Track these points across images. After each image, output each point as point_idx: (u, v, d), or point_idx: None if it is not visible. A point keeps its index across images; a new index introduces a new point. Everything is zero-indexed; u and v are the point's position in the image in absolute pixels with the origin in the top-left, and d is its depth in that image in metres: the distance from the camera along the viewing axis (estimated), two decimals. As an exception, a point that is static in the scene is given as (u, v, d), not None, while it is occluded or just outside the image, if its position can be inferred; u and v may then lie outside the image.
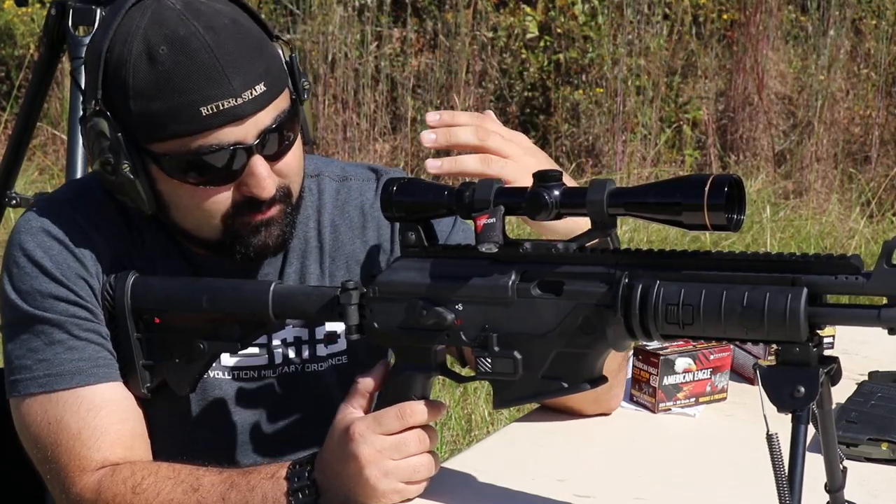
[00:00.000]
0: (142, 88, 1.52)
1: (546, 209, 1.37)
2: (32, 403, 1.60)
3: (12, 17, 7.67)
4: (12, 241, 1.63)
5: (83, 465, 1.58)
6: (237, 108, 1.52)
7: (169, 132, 1.52)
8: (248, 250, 1.62)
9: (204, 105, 1.50)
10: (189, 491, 1.53)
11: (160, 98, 1.51)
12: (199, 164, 1.54)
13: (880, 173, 6.34)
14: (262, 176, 1.56)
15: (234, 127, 1.52)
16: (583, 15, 6.93)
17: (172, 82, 1.50)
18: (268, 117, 1.55)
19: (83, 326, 1.60)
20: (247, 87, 1.52)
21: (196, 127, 1.51)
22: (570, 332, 1.38)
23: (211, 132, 1.52)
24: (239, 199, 1.58)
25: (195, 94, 1.50)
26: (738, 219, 1.29)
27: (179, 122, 1.51)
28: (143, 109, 1.52)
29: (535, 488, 1.58)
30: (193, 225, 1.61)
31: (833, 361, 1.29)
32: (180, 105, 1.50)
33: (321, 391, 1.75)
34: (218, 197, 1.57)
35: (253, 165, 1.55)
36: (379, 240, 1.78)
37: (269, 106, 1.55)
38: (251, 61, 1.54)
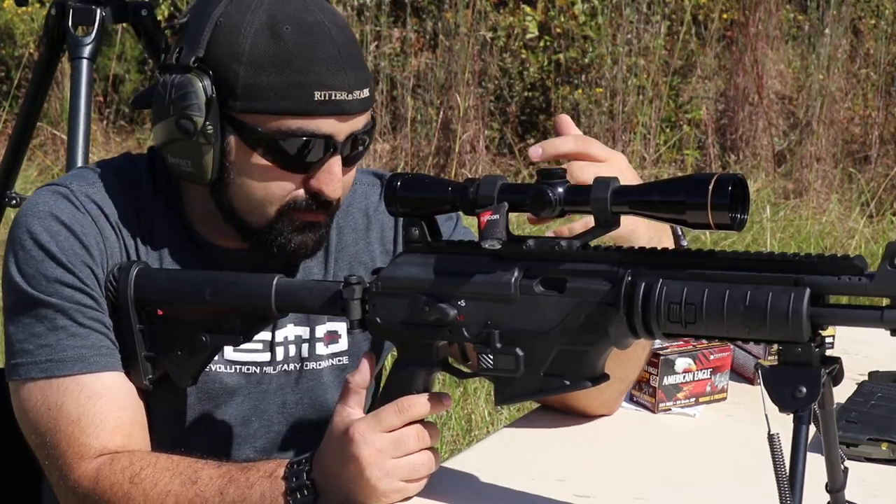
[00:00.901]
0: (258, 58, 1.54)
1: (550, 206, 1.37)
2: (33, 388, 1.59)
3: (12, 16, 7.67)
4: (19, 223, 1.62)
5: (81, 452, 1.57)
6: (346, 104, 1.56)
7: (274, 106, 1.55)
8: (288, 246, 1.62)
9: (319, 90, 1.54)
10: (187, 483, 1.53)
11: (276, 72, 1.54)
12: (290, 145, 1.55)
13: (880, 173, 6.34)
14: (337, 175, 1.59)
15: (335, 120, 1.56)
16: (583, 15, 6.93)
17: (293, 60, 1.54)
18: (361, 123, 1.59)
19: (87, 314, 1.60)
20: (358, 87, 1.56)
21: (304, 108, 1.54)
22: (572, 329, 1.38)
23: (315, 118, 1.55)
24: (303, 193, 1.60)
25: (313, 76, 1.54)
26: (741, 218, 1.29)
27: (290, 99, 1.54)
28: (252, 78, 1.54)
29: (535, 488, 1.58)
30: (247, 206, 1.61)
31: (835, 362, 1.29)
32: (295, 83, 1.53)
33: (319, 390, 1.76)
34: (286, 183, 1.59)
35: (333, 163, 1.58)
36: (382, 241, 1.78)
37: (366, 113, 1.60)
38: (362, 66, 1.59)
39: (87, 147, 2.84)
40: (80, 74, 2.86)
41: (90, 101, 2.87)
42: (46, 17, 2.98)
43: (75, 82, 2.86)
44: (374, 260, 1.77)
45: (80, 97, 2.85)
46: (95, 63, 2.90)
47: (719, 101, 6.88)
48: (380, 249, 1.78)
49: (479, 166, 6.69)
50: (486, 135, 6.91)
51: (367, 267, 1.76)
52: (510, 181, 1.42)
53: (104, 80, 7.25)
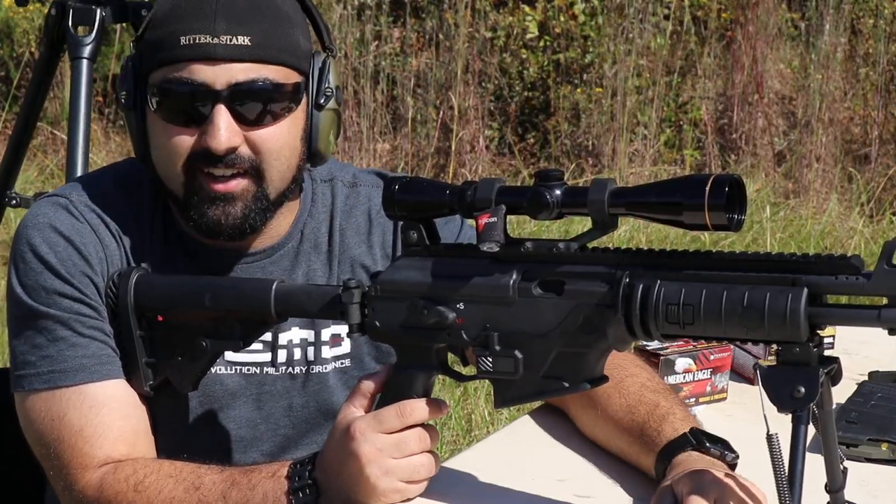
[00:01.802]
0: (155, 19, 1.60)
1: (547, 208, 1.37)
2: (36, 399, 1.60)
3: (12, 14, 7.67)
4: (19, 236, 1.63)
5: (86, 463, 1.58)
6: (210, 47, 1.55)
7: (155, 60, 1.59)
8: (202, 221, 1.61)
9: (183, 35, 1.56)
10: (190, 489, 1.53)
11: (160, 27, 1.59)
12: (170, 97, 1.58)
13: (880, 173, 6.34)
14: (219, 126, 1.56)
15: (204, 65, 1.56)
16: (583, 15, 6.93)
17: (175, 14, 1.58)
18: (243, 73, 1.57)
19: (87, 324, 1.61)
20: (229, 32, 1.56)
21: (172, 55, 1.57)
22: (571, 331, 1.39)
23: (183, 65, 1.56)
24: (197, 150, 1.58)
25: (182, 24, 1.56)
26: (738, 219, 1.29)
27: (163, 49, 1.58)
28: (149, 38, 1.60)
29: (535, 488, 1.58)
30: (163, 171, 1.63)
31: (833, 361, 1.29)
32: (168, 34, 1.57)
33: (325, 393, 1.76)
34: (180, 140, 1.59)
35: (214, 113, 1.57)
36: (383, 245, 1.78)
37: (248, 62, 1.57)
38: (250, 16, 1.57)
39: (87, 147, 2.84)
40: (80, 74, 2.86)
41: (90, 101, 2.88)
42: (46, 17, 2.99)
43: (75, 82, 2.86)
44: (375, 263, 1.77)
45: (80, 97, 2.85)
46: (95, 63, 2.90)
47: (719, 101, 6.87)
48: (381, 253, 1.78)
49: (479, 166, 6.69)
50: (486, 134, 6.91)
51: (368, 270, 1.76)
52: (508, 184, 1.43)
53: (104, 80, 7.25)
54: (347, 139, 6.87)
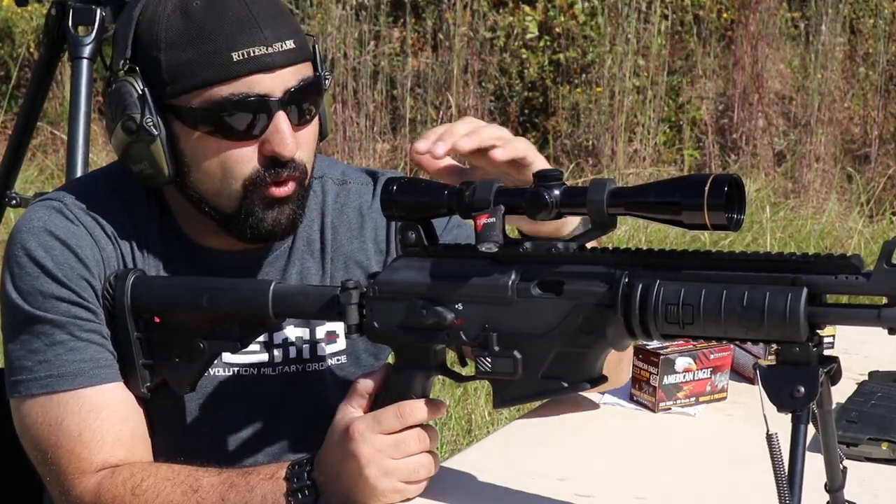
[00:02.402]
0: (173, 40, 1.55)
1: (546, 208, 1.37)
2: (33, 405, 1.60)
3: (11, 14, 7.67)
4: (14, 240, 1.62)
5: (83, 467, 1.57)
6: (267, 57, 1.54)
7: (198, 80, 1.54)
8: (261, 226, 1.61)
9: (235, 51, 1.53)
10: (188, 492, 1.53)
11: (191, 47, 1.54)
12: (227, 114, 1.55)
13: (879, 173, 6.34)
14: (286, 132, 1.57)
15: (263, 76, 1.55)
16: (582, 14, 6.93)
17: (205, 31, 1.53)
18: (294, 77, 1.58)
19: (85, 327, 1.60)
20: (278, 38, 1.55)
21: (226, 73, 1.54)
22: (570, 331, 1.38)
23: (240, 79, 1.54)
24: (261, 160, 1.58)
25: (227, 40, 1.53)
26: (738, 218, 1.29)
27: (210, 68, 1.53)
28: (173, 61, 1.55)
29: (535, 488, 1.58)
30: (212, 189, 1.60)
31: (833, 361, 1.29)
32: (211, 52, 1.53)
33: (321, 390, 1.76)
34: (241, 155, 1.57)
35: (278, 121, 1.56)
36: (376, 241, 1.78)
37: (297, 65, 1.58)
38: (282, 19, 1.58)
39: (87, 147, 2.84)
40: (80, 74, 2.86)
41: (90, 101, 2.88)
42: (46, 17, 2.99)
43: (75, 82, 2.87)
44: (368, 259, 1.77)
45: (80, 97, 2.85)
46: (95, 63, 2.90)
47: (719, 100, 6.87)
48: (374, 248, 1.78)
49: (479, 166, 6.68)
50: (486, 134, 6.89)
51: (363, 266, 1.76)
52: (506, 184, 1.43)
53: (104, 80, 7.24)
54: (347, 139, 6.87)
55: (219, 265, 1.68)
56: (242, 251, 1.69)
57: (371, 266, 1.77)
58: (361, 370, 1.76)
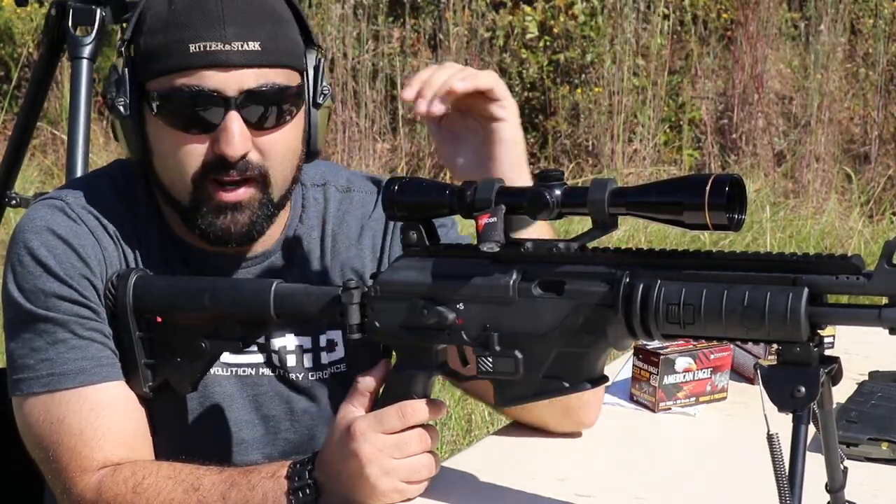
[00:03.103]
0: (153, 25, 1.58)
1: (547, 209, 1.37)
2: (35, 403, 1.60)
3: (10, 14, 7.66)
4: (16, 239, 1.62)
5: (85, 465, 1.57)
6: (222, 54, 1.55)
7: (161, 67, 1.57)
8: (209, 230, 1.61)
9: (193, 42, 1.55)
10: (190, 490, 1.53)
11: (162, 34, 1.57)
12: (179, 104, 1.56)
13: (879, 173, 6.34)
14: (233, 132, 1.56)
15: (216, 72, 1.55)
16: (582, 15, 6.94)
17: (177, 21, 1.56)
18: (253, 80, 1.57)
19: (86, 326, 1.60)
20: (240, 38, 1.55)
21: (181, 63, 1.55)
22: (571, 331, 1.38)
23: (194, 72, 1.55)
24: (210, 158, 1.58)
25: (190, 32, 1.55)
26: (739, 218, 1.29)
27: (170, 56, 1.56)
28: (147, 45, 1.59)
29: (535, 488, 1.58)
30: (168, 179, 1.62)
31: (834, 361, 1.29)
32: (175, 41, 1.56)
33: (322, 398, 1.75)
34: (191, 148, 1.58)
35: (227, 120, 1.56)
36: (373, 248, 1.77)
37: (258, 68, 1.57)
38: (255, 21, 1.57)
39: (87, 147, 2.84)
40: (80, 74, 2.86)
41: (90, 101, 2.88)
42: (46, 17, 2.98)
43: (75, 82, 2.86)
44: (364, 267, 1.76)
45: (80, 97, 2.85)
46: (95, 63, 2.90)
47: (719, 100, 6.88)
48: (370, 256, 1.77)
49: (478, 166, 6.68)
50: (486, 134, 6.90)
51: (359, 274, 1.75)
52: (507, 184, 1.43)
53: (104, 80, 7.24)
54: (347, 139, 6.87)
55: (216, 269, 1.68)
56: (237, 256, 1.69)
57: (366, 273, 1.76)
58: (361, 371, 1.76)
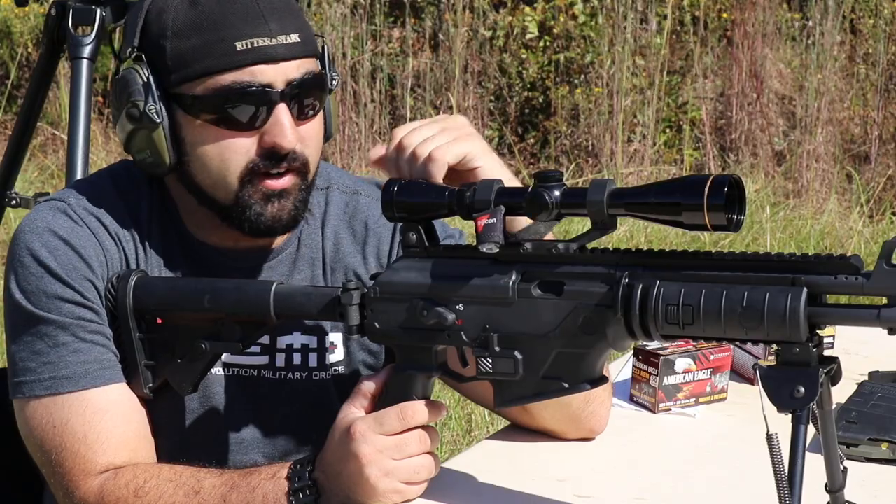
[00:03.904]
0: (179, 28, 1.56)
1: (547, 209, 1.37)
2: (37, 406, 1.59)
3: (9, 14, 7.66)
4: (18, 241, 1.62)
5: (87, 469, 1.57)
6: (270, 49, 1.55)
7: (202, 68, 1.56)
8: (260, 220, 1.61)
9: (239, 40, 1.54)
10: (190, 493, 1.53)
11: (196, 35, 1.55)
12: (228, 103, 1.55)
13: (879, 173, 6.34)
14: (286, 125, 1.57)
15: (265, 66, 1.55)
16: (582, 15, 6.94)
17: (211, 20, 1.55)
18: (297, 71, 1.58)
19: (88, 328, 1.60)
20: (283, 31, 1.56)
21: (229, 62, 1.55)
22: (570, 332, 1.39)
23: (243, 69, 1.55)
24: (259, 152, 1.58)
25: (231, 29, 1.54)
26: (738, 219, 1.29)
27: (213, 56, 1.55)
28: (178, 48, 1.56)
29: (535, 488, 1.58)
30: (210, 180, 1.61)
31: (833, 361, 1.29)
32: (216, 40, 1.55)
33: (327, 400, 1.75)
34: (239, 145, 1.58)
35: (278, 113, 1.57)
36: (378, 255, 1.77)
37: (301, 59, 1.58)
38: (289, 13, 1.59)
39: (87, 147, 2.84)
40: (80, 74, 2.86)
41: (90, 101, 2.88)
42: (46, 18, 2.98)
43: (75, 82, 2.86)
44: (367, 273, 1.75)
45: (80, 97, 2.85)
46: (95, 63, 2.90)
47: (718, 100, 6.88)
48: (375, 263, 1.76)
49: (478, 166, 6.68)
50: (486, 134, 6.91)
51: (361, 278, 1.75)
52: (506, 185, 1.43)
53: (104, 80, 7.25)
54: (347, 139, 6.87)
55: (221, 265, 1.68)
56: (245, 250, 1.69)
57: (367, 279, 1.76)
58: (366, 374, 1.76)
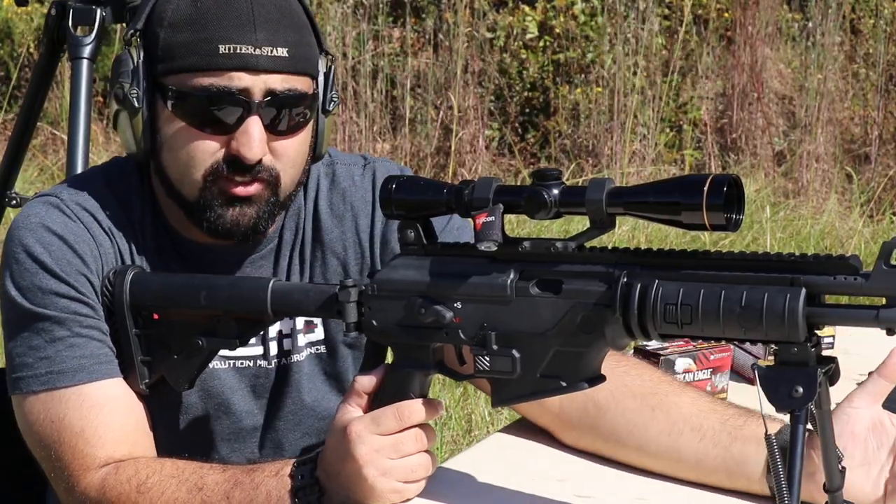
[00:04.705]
0: (175, 20, 1.58)
1: (545, 208, 1.37)
2: (35, 401, 1.60)
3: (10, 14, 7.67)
4: (11, 237, 1.62)
5: (87, 464, 1.57)
6: (252, 58, 1.56)
7: (184, 63, 1.57)
8: (218, 222, 1.61)
9: (223, 44, 1.55)
10: (193, 490, 1.53)
11: (188, 30, 1.57)
12: (200, 102, 1.56)
13: (879, 173, 6.34)
14: (254, 136, 1.57)
15: (244, 74, 1.56)
16: (582, 15, 6.94)
17: (204, 18, 1.56)
18: (280, 84, 1.58)
19: (84, 323, 1.60)
20: (269, 43, 1.57)
21: (209, 62, 1.56)
22: (568, 330, 1.38)
23: (222, 73, 1.56)
24: (225, 157, 1.58)
25: (220, 32, 1.55)
26: (736, 219, 1.29)
27: (197, 54, 1.56)
28: (169, 40, 1.58)
29: (535, 488, 1.58)
30: (177, 174, 1.62)
31: (831, 361, 1.29)
32: (203, 39, 1.56)
33: (304, 381, 1.76)
34: (207, 146, 1.58)
35: (249, 123, 1.57)
36: (356, 230, 1.76)
37: (284, 74, 1.58)
38: (283, 27, 1.59)
39: (87, 147, 2.84)
40: (80, 74, 2.86)
41: (90, 101, 2.88)
42: (46, 18, 2.98)
43: (75, 82, 2.86)
44: (345, 250, 1.75)
45: (80, 97, 2.85)
46: (95, 63, 2.90)
47: (719, 100, 6.88)
48: (352, 238, 1.75)
49: (478, 166, 6.69)
50: (486, 135, 6.91)
51: (339, 258, 1.75)
52: (505, 183, 1.42)
53: (104, 80, 7.25)
54: (347, 139, 6.87)
55: (205, 259, 1.68)
56: (226, 246, 1.69)
57: (348, 259, 1.75)
58: (340, 361, 1.76)
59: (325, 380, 1.78)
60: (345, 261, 1.75)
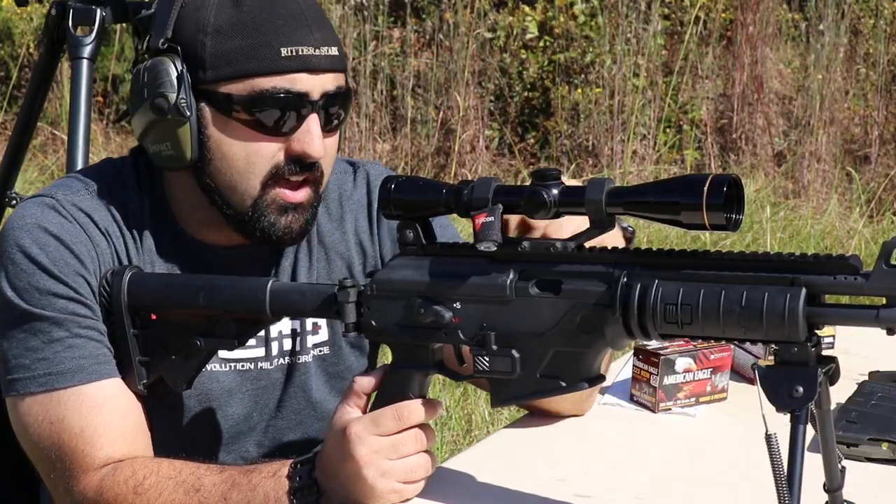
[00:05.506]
0: (222, 27, 1.57)
1: (545, 208, 1.37)
2: (32, 403, 1.59)
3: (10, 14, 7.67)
4: (7, 237, 1.61)
5: (87, 464, 1.57)
6: (314, 58, 1.57)
7: (243, 69, 1.56)
8: (272, 230, 1.62)
9: (285, 46, 1.56)
10: (191, 491, 1.53)
11: (241, 36, 1.56)
12: (265, 106, 1.56)
13: (880, 173, 6.34)
14: (316, 134, 1.59)
15: (306, 75, 1.57)
16: (582, 15, 6.94)
17: (256, 22, 1.56)
18: (332, 83, 1.60)
19: (82, 324, 1.60)
20: (325, 43, 1.58)
21: (272, 66, 1.56)
22: (568, 330, 1.38)
23: (286, 75, 1.56)
24: (285, 158, 1.59)
25: (278, 35, 1.56)
26: (736, 218, 1.29)
27: (257, 59, 1.56)
28: (219, 47, 1.57)
29: (535, 488, 1.58)
30: (231, 182, 1.61)
31: (831, 361, 1.29)
32: (262, 43, 1.56)
33: (310, 382, 1.76)
34: (267, 149, 1.59)
35: (311, 122, 1.58)
36: (356, 232, 1.78)
37: (336, 72, 1.61)
38: (327, 25, 1.62)
39: (87, 147, 2.84)
40: (80, 74, 2.86)
41: (90, 101, 2.87)
42: (46, 18, 2.98)
43: (75, 82, 2.86)
44: (349, 250, 1.77)
45: (80, 97, 2.85)
46: (95, 63, 2.90)
47: (719, 101, 6.88)
48: (354, 241, 1.78)
49: (478, 166, 6.69)
50: (486, 135, 6.91)
51: (343, 258, 1.76)
52: (504, 183, 1.42)
53: (104, 80, 7.25)
54: (347, 139, 6.87)
55: (210, 259, 1.68)
56: (237, 247, 1.69)
57: (353, 259, 1.77)
58: (343, 362, 1.77)
59: (328, 380, 1.78)
60: (349, 261, 1.76)
